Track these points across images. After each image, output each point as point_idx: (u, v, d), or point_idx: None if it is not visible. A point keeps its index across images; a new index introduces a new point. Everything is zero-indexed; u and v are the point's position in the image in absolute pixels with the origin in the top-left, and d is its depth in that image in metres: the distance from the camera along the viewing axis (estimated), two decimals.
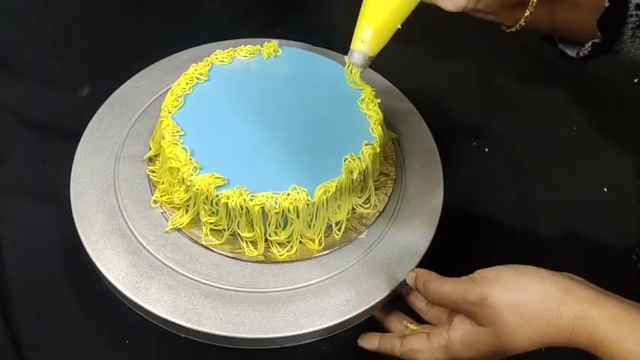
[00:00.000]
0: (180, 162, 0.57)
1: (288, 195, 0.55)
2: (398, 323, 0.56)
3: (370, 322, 0.57)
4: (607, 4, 0.57)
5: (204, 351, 0.55)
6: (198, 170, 0.56)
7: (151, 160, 0.63)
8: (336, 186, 0.56)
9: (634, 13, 0.56)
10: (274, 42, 0.68)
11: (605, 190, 0.74)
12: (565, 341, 0.46)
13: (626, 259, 0.69)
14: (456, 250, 0.66)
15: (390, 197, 0.62)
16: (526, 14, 0.62)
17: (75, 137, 0.64)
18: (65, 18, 0.82)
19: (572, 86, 0.83)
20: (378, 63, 0.73)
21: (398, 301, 0.58)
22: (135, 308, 0.55)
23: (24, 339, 0.59)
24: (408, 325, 0.56)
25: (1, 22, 0.80)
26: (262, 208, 0.54)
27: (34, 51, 0.79)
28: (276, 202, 0.55)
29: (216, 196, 0.55)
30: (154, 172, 0.61)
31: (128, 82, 0.69)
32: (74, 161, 0.62)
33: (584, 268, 0.68)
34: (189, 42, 0.74)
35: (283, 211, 0.55)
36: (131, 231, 0.58)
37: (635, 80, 0.82)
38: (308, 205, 0.55)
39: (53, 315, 0.61)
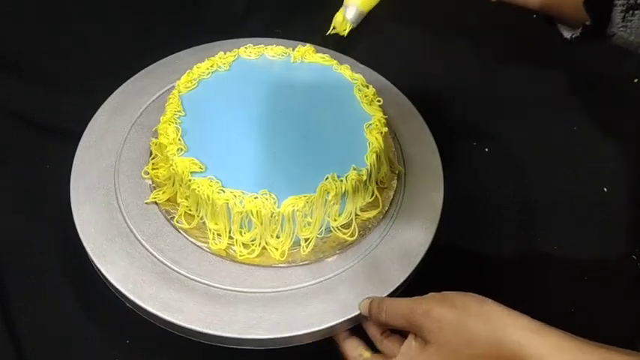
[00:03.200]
0: (168, 139, 0.58)
1: (256, 198, 0.54)
2: (353, 349, 0.55)
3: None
4: None
5: (205, 351, 0.55)
6: (183, 152, 0.57)
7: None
8: (306, 202, 0.55)
9: None
10: (309, 47, 0.68)
11: (605, 190, 0.74)
12: None
13: (626, 259, 0.69)
14: (456, 250, 0.67)
15: (373, 230, 0.60)
16: None
17: (75, 137, 0.64)
18: (65, 18, 0.82)
19: (572, 86, 0.83)
20: (378, 62, 0.74)
21: (358, 329, 0.56)
22: (95, 267, 0.56)
23: (24, 339, 0.59)
24: (363, 352, 0.54)
25: (1, 22, 0.80)
26: (227, 204, 0.54)
27: (34, 51, 0.79)
28: (241, 202, 0.54)
29: (189, 180, 0.55)
30: (156, 145, 0.62)
31: (128, 81, 0.69)
32: (74, 161, 0.62)
33: (584, 267, 0.68)
34: (189, 42, 0.74)
35: (247, 212, 0.54)
36: (115, 193, 0.60)
37: (635, 80, 0.82)
38: (273, 213, 0.54)
39: (53, 315, 0.61)
